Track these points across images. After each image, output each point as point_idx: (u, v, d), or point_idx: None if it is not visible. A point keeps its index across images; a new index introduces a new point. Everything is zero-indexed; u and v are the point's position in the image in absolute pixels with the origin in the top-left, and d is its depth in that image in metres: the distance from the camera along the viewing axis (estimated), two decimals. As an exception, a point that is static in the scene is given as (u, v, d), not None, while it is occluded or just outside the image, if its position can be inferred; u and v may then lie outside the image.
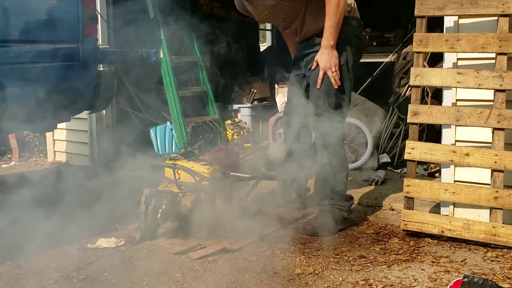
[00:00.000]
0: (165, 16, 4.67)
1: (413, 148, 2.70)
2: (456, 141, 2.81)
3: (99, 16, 3.93)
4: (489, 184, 2.58)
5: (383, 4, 6.10)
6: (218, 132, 5.05)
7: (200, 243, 2.50)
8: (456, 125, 2.76)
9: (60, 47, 3.22)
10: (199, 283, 2.10)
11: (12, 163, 4.98)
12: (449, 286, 1.89)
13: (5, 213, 2.68)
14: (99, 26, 3.86)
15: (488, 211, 2.59)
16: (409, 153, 2.70)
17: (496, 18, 2.64)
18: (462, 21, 2.80)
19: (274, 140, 4.81)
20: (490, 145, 2.59)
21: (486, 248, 2.48)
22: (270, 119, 4.97)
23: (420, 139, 3.74)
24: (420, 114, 2.71)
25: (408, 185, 2.68)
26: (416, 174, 3.06)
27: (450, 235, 2.56)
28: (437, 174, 3.87)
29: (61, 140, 4.90)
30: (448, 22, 2.84)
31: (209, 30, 6.09)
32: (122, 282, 2.11)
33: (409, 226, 2.65)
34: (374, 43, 6.73)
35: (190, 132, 4.65)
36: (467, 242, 2.54)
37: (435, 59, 4.05)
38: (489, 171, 2.57)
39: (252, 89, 6.02)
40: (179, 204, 2.62)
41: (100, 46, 3.70)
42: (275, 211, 3.11)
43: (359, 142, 4.27)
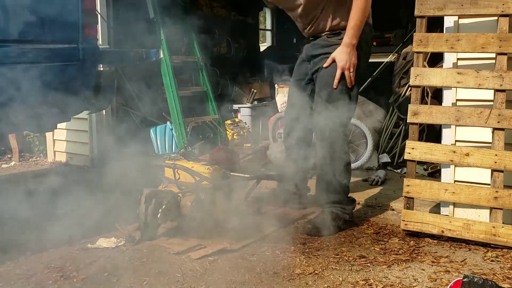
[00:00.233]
0: (165, 16, 4.67)
1: (413, 148, 2.70)
2: (456, 141, 2.81)
3: (99, 16, 3.92)
4: (489, 184, 2.58)
5: (383, 4, 6.09)
6: (218, 132, 5.05)
7: (200, 243, 2.50)
8: (456, 125, 2.76)
9: (60, 47, 3.22)
10: (199, 283, 2.09)
11: (12, 163, 4.97)
12: (449, 286, 1.88)
13: (4, 213, 2.69)
14: (99, 26, 3.86)
15: (488, 211, 2.59)
16: (409, 153, 2.70)
17: (496, 18, 2.64)
18: (462, 21, 2.80)
19: (274, 140, 4.81)
20: (490, 145, 2.59)
21: (486, 248, 2.48)
22: (270, 119, 4.97)
23: (420, 139, 3.75)
24: (420, 114, 2.71)
25: (408, 185, 2.68)
26: (416, 174, 3.05)
27: (450, 235, 2.56)
28: (436, 174, 3.87)
29: (61, 140, 4.90)
30: (448, 22, 2.84)
31: (209, 30, 6.10)
32: (122, 282, 2.11)
33: (409, 226, 2.65)
34: (374, 43, 6.72)
35: (190, 132, 4.65)
36: (467, 242, 2.54)
37: (435, 59, 4.06)
38: (489, 171, 2.57)
39: (252, 89, 6.03)
40: (179, 204, 2.62)
41: (100, 46, 3.70)
42: (275, 211, 3.11)
43: (359, 142, 4.28)
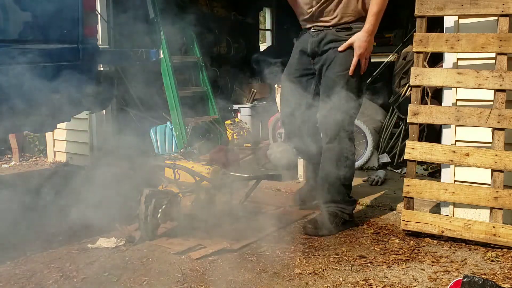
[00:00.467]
0: (165, 16, 4.67)
1: (413, 148, 2.69)
2: (456, 141, 2.81)
3: (99, 16, 3.92)
4: (489, 184, 2.58)
5: (383, 4, 6.09)
6: (218, 132, 5.05)
7: (200, 243, 2.50)
8: (456, 125, 2.76)
9: (60, 47, 3.22)
10: (199, 283, 2.09)
11: (12, 163, 4.97)
12: (449, 286, 1.88)
13: (4, 213, 2.69)
14: (99, 26, 3.86)
15: (488, 211, 2.59)
16: (409, 153, 2.70)
17: (496, 18, 2.64)
18: (462, 21, 2.80)
19: (274, 140, 4.81)
20: (490, 145, 2.59)
21: (486, 248, 2.48)
22: (270, 119, 4.97)
23: (420, 139, 3.74)
24: (420, 114, 2.71)
25: (408, 185, 2.68)
26: (416, 174, 3.05)
27: (450, 235, 2.56)
28: (436, 174, 3.87)
29: (61, 140, 4.90)
30: (448, 22, 2.84)
31: (209, 30, 6.10)
32: (122, 282, 2.11)
33: (409, 226, 2.65)
34: (374, 43, 6.70)
35: (190, 132, 4.65)
36: (467, 242, 2.54)
37: (435, 59, 4.06)
38: (489, 171, 2.57)
39: (252, 89, 6.02)
40: (179, 204, 2.62)
41: (100, 46, 3.70)
42: (275, 211, 3.11)
43: (359, 142, 4.28)
